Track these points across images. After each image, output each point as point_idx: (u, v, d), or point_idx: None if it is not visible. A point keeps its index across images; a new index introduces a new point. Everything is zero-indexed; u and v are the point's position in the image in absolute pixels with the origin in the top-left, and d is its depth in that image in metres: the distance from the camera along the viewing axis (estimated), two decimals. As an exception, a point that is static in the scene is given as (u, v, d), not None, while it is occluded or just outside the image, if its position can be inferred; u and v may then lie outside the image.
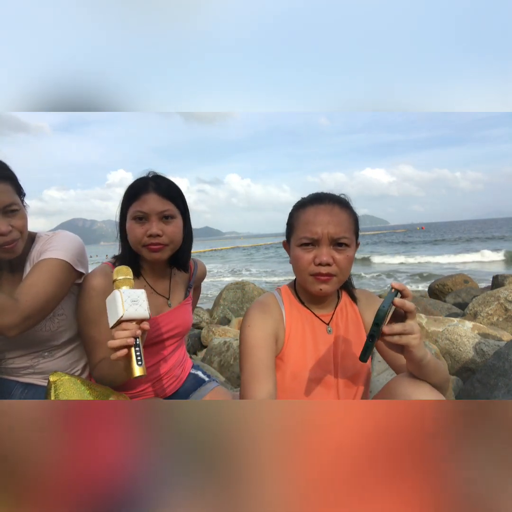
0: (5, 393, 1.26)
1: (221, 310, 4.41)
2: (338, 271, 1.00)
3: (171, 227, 1.22)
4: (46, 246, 1.23)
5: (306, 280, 1.03)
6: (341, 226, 1.00)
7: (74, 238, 1.29)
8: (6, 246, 1.12)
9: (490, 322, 3.20)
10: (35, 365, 1.28)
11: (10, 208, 1.11)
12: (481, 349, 2.34)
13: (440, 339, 2.50)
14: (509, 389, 1.78)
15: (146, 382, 1.33)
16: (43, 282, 1.13)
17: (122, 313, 0.95)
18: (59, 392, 0.99)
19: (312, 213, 1.02)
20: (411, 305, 0.83)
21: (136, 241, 1.21)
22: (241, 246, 55.98)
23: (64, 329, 1.29)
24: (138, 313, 0.98)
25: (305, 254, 1.01)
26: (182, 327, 1.38)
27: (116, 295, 0.97)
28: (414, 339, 0.83)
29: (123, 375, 1.05)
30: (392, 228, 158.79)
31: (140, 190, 1.21)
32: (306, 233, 1.00)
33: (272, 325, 1.05)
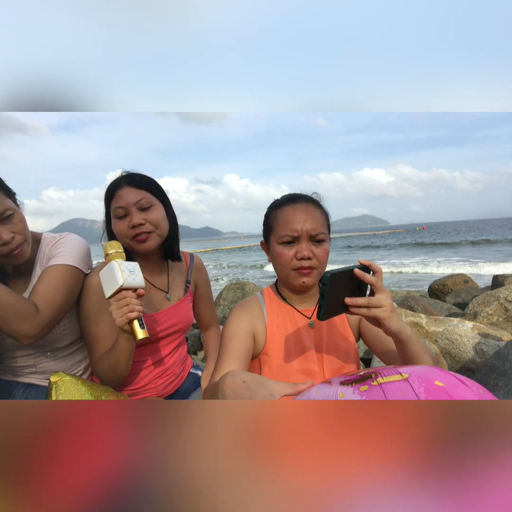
0: (6, 393, 1.26)
1: (221, 310, 4.41)
2: (318, 264, 1.07)
3: (152, 214, 1.25)
4: (55, 250, 1.23)
5: (288, 274, 1.09)
6: (317, 223, 1.07)
7: (81, 242, 1.30)
8: (13, 253, 1.12)
9: (490, 322, 3.21)
10: (37, 364, 1.28)
11: (5, 215, 1.09)
12: (481, 349, 2.34)
13: (440, 339, 2.50)
14: (509, 389, 1.78)
15: (146, 379, 1.34)
16: (57, 289, 1.14)
17: (123, 281, 1.02)
18: (60, 392, 0.99)
19: (290, 212, 1.08)
20: (371, 278, 0.88)
21: (123, 236, 1.23)
22: (241, 246, 56.03)
23: (68, 331, 1.29)
24: (136, 282, 1.05)
25: (286, 251, 1.07)
26: (182, 323, 1.39)
27: (114, 265, 1.03)
28: (382, 312, 0.87)
29: (123, 360, 1.13)
30: (392, 228, 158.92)
31: (114, 188, 1.25)
32: (287, 231, 1.06)
33: (248, 321, 1.11)
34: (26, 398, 1.25)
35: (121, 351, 1.12)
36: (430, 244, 30.50)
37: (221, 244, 69.77)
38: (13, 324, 1.03)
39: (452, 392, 0.67)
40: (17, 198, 1.19)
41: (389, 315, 0.88)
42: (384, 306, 0.87)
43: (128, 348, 1.12)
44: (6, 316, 1.01)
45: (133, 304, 1.04)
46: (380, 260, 21.41)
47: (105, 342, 1.21)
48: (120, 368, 1.16)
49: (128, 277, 1.03)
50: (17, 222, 1.13)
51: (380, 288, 0.89)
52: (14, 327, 1.03)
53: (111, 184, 1.27)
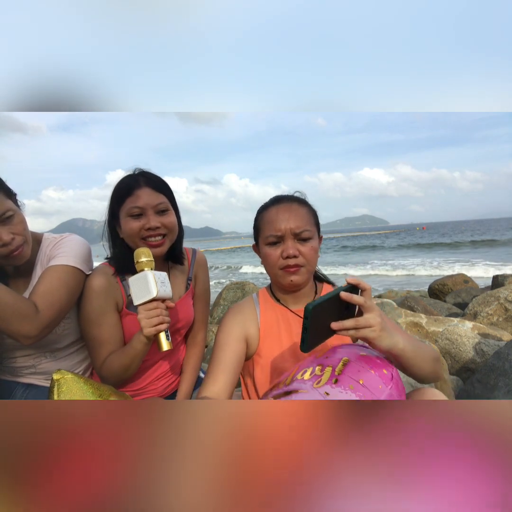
0: (6, 393, 1.26)
1: (221, 310, 4.41)
2: (305, 262, 1.07)
3: (167, 218, 1.24)
4: (55, 251, 1.22)
5: (276, 274, 1.10)
6: (301, 221, 1.07)
7: (83, 242, 1.29)
8: (13, 254, 1.12)
9: (490, 322, 3.20)
10: (37, 364, 1.28)
11: (5, 216, 1.09)
12: (481, 349, 2.34)
13: (440, 339, 2.50)
14: (509, 389, 1.78)
15: (148, 380, 1.34)
16: (57, 290, 1.13)
17: (156, 292, 1.05)
18: (62, 390, 0.99)
19: (273, 213, 1.10)
20: (359, 299, 0.85)
21: (134, 235, 1.21)
22: (241, 246, 56.01)
23: (68, 332, 1.29)
24: (166, 293, 1.10)
25: (272, 251, 1.08)
26: (183, 321, 1.38)
27: (149, 275, 1.07)
28: (371, 332, 0.85)
29: (136, 362, 1.15)
30: (393, 228, 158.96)
31: (132, 186, 1.21)
32: (271, 231, 1.08)
33: (240, 326, 1.12)
34: (26, 398, 1.25)
35: (136, 354, 1.13)
36: (431, 244, 30.37)
37: (220, 245, 69.83)
38: (13, 325, 1.03)
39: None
40: (18, 199, 1.18)
41: (379, 334, 0.85)
42: (373, 326, 0.85)
43: (144, 351, 1.13)
44: (6, 316, 1.01)
45: (163, 315, 1.07)
46: (378, 260, 21.33)
47: (108, 344, 1.21)
48: (131, 369, 1.17)
49: (160, 289, 1.07)
50: (17, 223, 1.12)
51: (369, 308, 0.86)
52: (14, 327, 1.03)
53: (126, 181, 1.24)
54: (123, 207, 1.22)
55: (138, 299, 1.07)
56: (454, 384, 2.14)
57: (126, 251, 1.25)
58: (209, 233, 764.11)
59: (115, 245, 1.28)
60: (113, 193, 1.25)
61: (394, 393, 0.83)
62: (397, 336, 0.89)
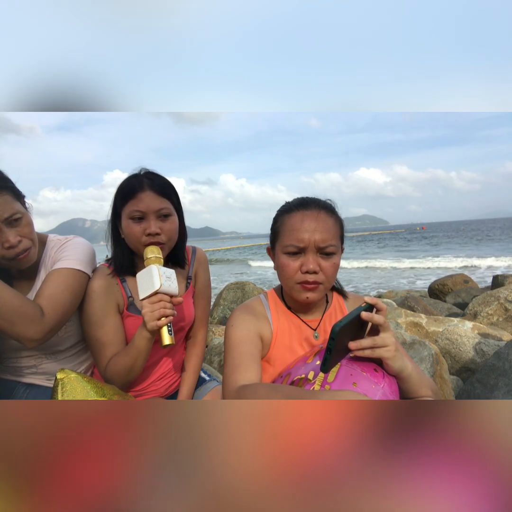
0: (7, 393, 1.26)
1: (221, 310, 4.41)
2: (324, 279, 0.98)
3: (168, 224, 1.22)
4: (60, 254, 1.22)
5: (292, 288, 1.00)
6: (328, 233, 0.97)
7: (87, 245, 1.28)
8: (19, 257, 1.11)
9: (490, 322, 3.21)
10: (38, 365, 1.28)
11: (13, 218, 1.08)
12: (481, 349, 2.34)
13: (440, 339, 2.50)
14: (509, 389, 1.78)
15: (149, 381, 1.34)
16: (62, 293, 1.13)
17: (160, 285, 1.05)
18: (66, 389, 0.99)
19: (298, 219, 0.98)
20: (379, 318, 0.85)
21: (135, 239, 1.19)
22: (241, 246, 55.96)
23: (70, 334, 1.29)
24: (171, 288, 1.08)
25: (291, 262, 0.98)
26: (184, 320, 1.37)
27: (153, 269, 1.07)
28: (387, 352, 0.85)
29: (140, 361, 1.14)
30: (393, 228, 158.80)
31: (135, 188, 1.19)
32: (292, 240, 0.97)
33: (256, 325, 1.03)
34: (27, 398, 1.25)
35: (140, 351, 1.12)
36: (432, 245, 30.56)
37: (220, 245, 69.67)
38: (18, 327, 1.02)
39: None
40: (26, 201, 1.17)
41: (394, 354, 0.85)
42: (389, 345, 0.85)
43: (147, 348, 1.12)
44: (12, 319, 1.01)
45: (167, 308, 1.06)
46: (383, 259, 21.36)
47: (111, 345, 1.20)
48: (135, 369, 1.16)
49: (165, 283, 1.06)
50: (25, 225, 1.11)
51: (387, 328, 0.86)
52: (20, 330, 1.03)
53: (130, 182, 1.21)
54: (125, 208, 1.20)
55: (142, 293, 1.07)
56: (454, 384, 2.14)
57: (126, 251, 1.25)
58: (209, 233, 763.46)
59: (116, 245, 1.28)
60: (116, 192, 1.23)
61: (387, 391, 0.84)
62: (406, 360, 0.89)
